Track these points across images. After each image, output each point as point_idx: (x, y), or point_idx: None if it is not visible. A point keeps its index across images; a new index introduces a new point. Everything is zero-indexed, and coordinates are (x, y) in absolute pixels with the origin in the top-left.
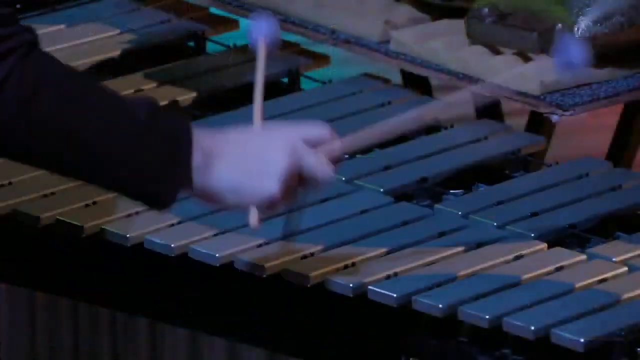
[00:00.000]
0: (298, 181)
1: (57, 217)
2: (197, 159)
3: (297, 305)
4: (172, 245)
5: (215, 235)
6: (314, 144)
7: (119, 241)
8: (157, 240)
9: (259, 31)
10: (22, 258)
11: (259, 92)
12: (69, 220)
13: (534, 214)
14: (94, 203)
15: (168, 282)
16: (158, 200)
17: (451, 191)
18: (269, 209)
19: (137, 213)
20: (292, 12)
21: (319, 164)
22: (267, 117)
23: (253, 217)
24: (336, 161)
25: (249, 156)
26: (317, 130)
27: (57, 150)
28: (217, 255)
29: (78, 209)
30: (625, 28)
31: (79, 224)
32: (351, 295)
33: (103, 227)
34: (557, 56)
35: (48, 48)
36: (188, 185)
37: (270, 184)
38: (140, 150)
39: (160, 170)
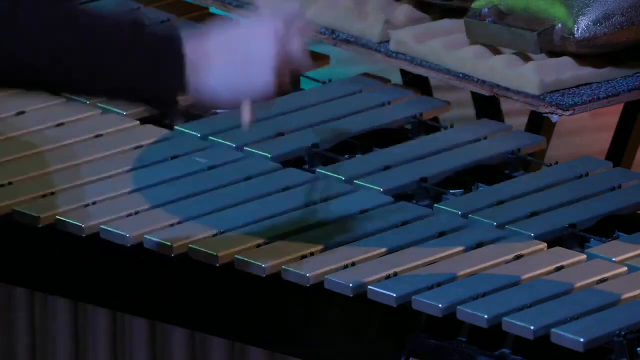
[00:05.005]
0: (286, 64)
1: (57, 217)
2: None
3: (296, 305)
4: (173, 246)
5: (214, 235)
6: (288, 24)
7: (118, 241)
8: (157, 240)
9: None
10: (21, 258)
11: None
12: (68, 220)
13: (534, 214)
14: (94, 203)
15: (168, 282)
16: (167, 95)
17: (451, 191)
18: (265, 99)
19: (136, 213)
20: None
21: (298, 43)
22: (267, 117)
23: (246, 115)
24: (308, 35)
25: (238, 51)
26: (290, 9)
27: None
28: (218, 255)
29: (78, 209)
30: (625, 28)
31: (78, 224)
32: (351, 295)
33: (102, 226)
34: None
35: None
36: (184, 85)
37: (263, 73)
38: (135, 48)
39: (156, 67)
